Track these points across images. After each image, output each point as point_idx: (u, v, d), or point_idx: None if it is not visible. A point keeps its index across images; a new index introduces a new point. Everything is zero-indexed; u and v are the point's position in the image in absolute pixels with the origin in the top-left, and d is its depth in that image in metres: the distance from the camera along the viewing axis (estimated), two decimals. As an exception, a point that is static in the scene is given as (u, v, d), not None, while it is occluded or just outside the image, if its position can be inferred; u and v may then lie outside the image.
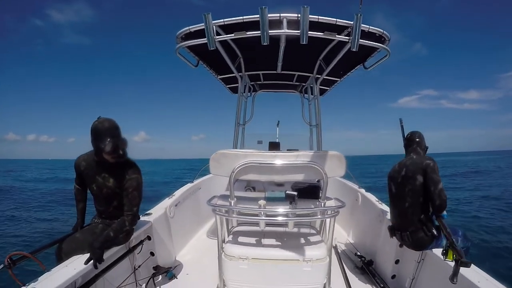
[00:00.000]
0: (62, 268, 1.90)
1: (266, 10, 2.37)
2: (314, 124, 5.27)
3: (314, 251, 2.21)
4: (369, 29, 2.74)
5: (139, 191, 2.23)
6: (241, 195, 2.47)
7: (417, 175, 2.35)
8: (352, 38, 2.57)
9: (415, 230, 2.37)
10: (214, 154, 2.26)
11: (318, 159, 2.18)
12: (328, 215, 2.27)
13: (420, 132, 2.65)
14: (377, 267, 3.08)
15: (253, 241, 2.38)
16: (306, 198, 2.37)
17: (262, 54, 3.96)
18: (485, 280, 1.89)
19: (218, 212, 2.25)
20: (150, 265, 2.93)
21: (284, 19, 2.53)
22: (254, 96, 6.07)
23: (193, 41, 2.91)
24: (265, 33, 2.48)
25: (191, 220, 4.14)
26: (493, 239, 7.34)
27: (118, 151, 2.12)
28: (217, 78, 5.01)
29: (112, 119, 2.15)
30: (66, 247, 2.14)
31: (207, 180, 4.83)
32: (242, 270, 2.16)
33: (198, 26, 2.78)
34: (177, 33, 3.06)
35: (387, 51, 3.04)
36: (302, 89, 5.88)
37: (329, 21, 2.60)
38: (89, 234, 2.24)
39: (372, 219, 3.48)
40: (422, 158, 2.44)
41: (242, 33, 2.66)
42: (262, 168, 2.21)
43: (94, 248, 1.99)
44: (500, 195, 14.11)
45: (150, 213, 3.05)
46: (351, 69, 4.27)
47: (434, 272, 2.40)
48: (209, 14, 2.53)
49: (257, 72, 4.93)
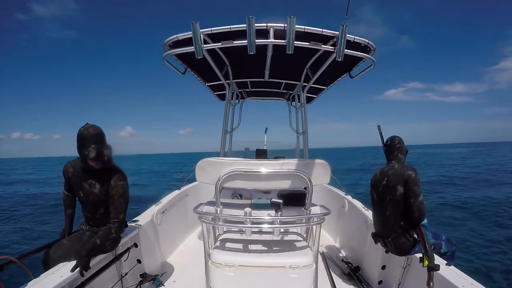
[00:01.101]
0: (49, 275, 1.89)
1: (253, 20, 2.41)
2: (301, 132, 5.32)
3: (300, 258, 2.21)
4: (355, 39, 2.81)
5: (125, 198, 2.21)
6: (227, 202, 2.48)
7: (397, 186, 2.36)
8: (338, 48, 2.62)
9: (397, 237, 2.41)
10: (200, 162, 2.26)
11: (303, 167, 2.21)
12: (313, 222, 2.29)
13: (399, 137, 2.64)
14: (364, 273, 3.11)
15: (240, 248, 2.38)
16: (292, 205, 2.39)
17: (249, 62, 3.99)
18: (470, 285, 1.94)
19: (205, 220, 2.25)
20: (137, 272, 2.89)
21: (271, 29, 2.57)
22: (242, 103, 6.10)
23: (180, 49, 2.92)
24: (252, 43, 2.51)
25: (179, 227, 4.11)
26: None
27: (102, 157, 2.11)
28: (205, 85, 5.01)
29: (98, 126, 2.15)
30: (53, 253, 2.12)
31: (195, 187, 4.80)
32: (229, 278, 2.16)
33: (186, 34, 2.80)
34: (165, 41, 3.06)
35: (372, 61, 3.11)
36: (290, 97, 5.94)
37: (315, 31, 2.66)
38: (76, 241, 2.22)
39: (359, 226, 3.52)
40: (404, 168, 2.41)
41: (229, 42, 2.69)
42: (247, 176, 2.22)
43: (80, 256, 1.98)
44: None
45: (136, 220, 3.02)
46: (338, 78, 4.35)
47: (419, 277, 2.44)
48: (197, 23, 2.55)
49: (245, 79, 4.96)
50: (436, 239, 2.39)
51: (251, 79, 4.95)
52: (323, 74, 3.94)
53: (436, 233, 2.45)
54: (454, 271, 2.15)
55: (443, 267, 2.18)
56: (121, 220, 2.19)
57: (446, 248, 2.42)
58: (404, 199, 2.35)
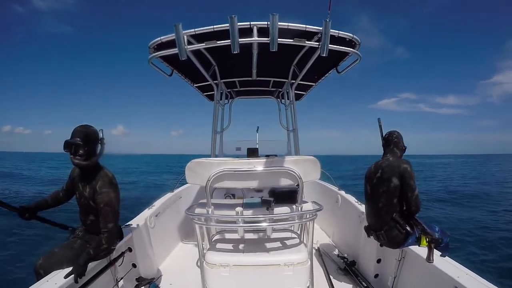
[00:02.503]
0: (43, 283, 1.86)
1: (236, 19, 2.40)
2: (291, 129, 5.32)
3: (294, 255, 2.21)
4: (339, 34, 2.81)
5: (111, 206, 2.13)
6: (219, 203, 2.46)
7: (392, 178, 2.38)
8: (322, 44, 2.62)
9: (389, 229, 2.42)
10: (189, 163, 2.24)
11: (293, 164, 2.21)
12: (306, 219, 2.29)
13: (398, 132, 2.64)
14: (360, 267, 3.12)
15: (234, 248, 2.37)
16: (284, 202, 2.39)
17: (236, 61, 3.98)
18: (464, 275, 1.94)
19: (197, 221, 2.24)
20: (132, 276, 2.86)
21: (255, 27, 2.56)
22: (231, 103, 6.08)
23: (165, 52, 2.90)
24: (235, 42, 2.50)
25: (173, 230, 4.08)
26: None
27: (76, 152, 2.07)
28: (193, 87, 4.98)
29: (89, 126, 2.19)
30: (44, 262, 2.08)
31: (188, 189, 4.76)
32: (224, 278, 2.15)
33: (169, 36, 2.77)
34: (149, 44, 3.03)
35: (357, 55, 3.11)
36: (279, 95, 5.95)
37: (298, 28, 2.65)
38: (67, 249, 2.19)
39: (353, 220, 3.53)
40: (399, 161, 2.44)
41: (213, 42, 2.68)
42: (237, 175, 2.21)
43: (78, 265, 1.96)
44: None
45: (130, 224, 2.98)
46: (325, 74, 4.36)
47: (414, 269, 2.46)
48: (179, 24, 2.53)
49: (233, 79, 4.95)
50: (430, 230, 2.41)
51: (239, 79, 4.94)
52: (310, 71, 3.95)
53: (429, 225, 2.47)
54: (448, 262, 2.16)
55: (438, 258, 2.20)
56: (110, 229, 2.11)
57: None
58: (400, 192, 2.37)
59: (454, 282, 1.91)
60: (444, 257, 2.25)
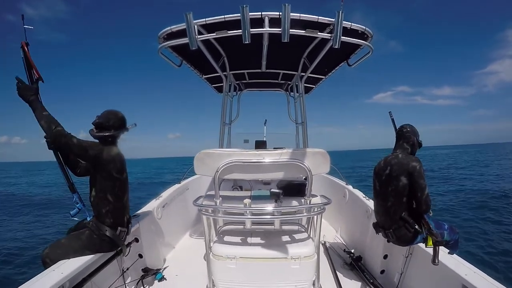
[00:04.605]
0: (49, 272, 1.88)
1: (247, 9, 2.36)
2: (300, 122, 5.29)
3: (301, 248, 2.21)
4: (351, 26, 2.75)
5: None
6: (227, 195, 2.46)
7: (401, 176, 2.32)
8: (334, 36, 2.57)
9: (398, 228, 2.38)
10: (198, 154, 2.23)
11: (302, 157, 2.18)
12: (314, 212, 2.27)
13: (410, 126, 2.54)
14: (366, 262, 3.10)
15: (241, 240, 2.37)
16: (292, 195, 2.37)
17: (246, 53, 3.94)
18: (472, 273, 1.92)
19: (204, 212, 2.24)
20: (138, 267, 2.89)
21: (266, 17, 2.52)
22: (240, 95, 6.05)
23: (175, 41, 2.88)
24: (246, 32, 2.47)
25: (179, 221, 4.10)
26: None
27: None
28: (202, 78, 4.97)
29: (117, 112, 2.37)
30: (51, 253, 2.11)
31: (195, 180, 4.79)
32: (231, 270, 2.15)
33: (180, 26, 2.75)
34: (158, 34, 3.01)
35: (370, 47, 3.06)
36: (288, 88, 5.90)
37: (311, 19, 2.60)
38: (74, 240, 2.20)
39: (360, 215, 3.51)
40: (408, 158, 2.36)
41: (224, 32, 2.65)
42: (246, 167, 2.20)
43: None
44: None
45: (137, 215, 3.00)
46: (335, 67, 4.30)
47: (422, 266, 2.43)
48: (190, 13, 2.50)
49: (242, 71, 4.92)
50: (438, 228, 2.37)
51: (248, 70, 4.90)
52: (320, 63, 3.89)
53: (438, 222, 2.43)
54: (456, 259, 2.14)
55: (446, 256, 2.17)
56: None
57: (449, 237, 2.40)
58: (410, 191, 2.32)
59: (461, 279, 1.89)
60: (452, 254, 2.22)
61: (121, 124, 2.33)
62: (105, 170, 2.17)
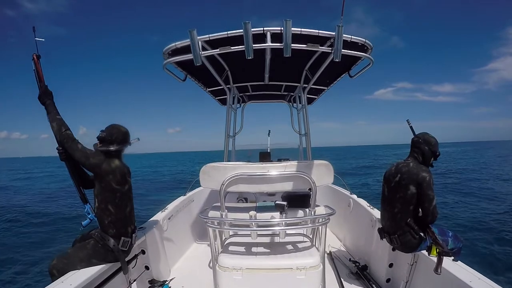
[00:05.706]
0: (58, 284, 1.91)
1: (250, 25, 2.44)
2: (303, 133, 5.33)
3: (307, 259, 2.23)
4: (352, 38, 2.82)
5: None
6: (232, 206, 2.50)
7: (410, 185, 2.34)
8: (335, 49, 2.64)
9: (403, 233, 2.41)
10: (204, 167, 2.29)
11: (306, 169, 2.23)
12: (319, 223, 2.30)
13: (427, 136, 2.49)
14: (372, 271, 3.11)
15: (247, 251, 2.40)
16: (297, 206, 2.40)
17: (249, 66, 4.02)
18: (477, 280, 1.93)
19: (210, 224, 2.27)
20: (145, 279, 2.92)
21: (268, 33, 2.59)
22: (243, 107, 6.12)
23: (179, 57, 2.96)
24: (249, 47, 2.54)
25: (185, 233, 4.13)
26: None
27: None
28: (206, 91, 5.05)
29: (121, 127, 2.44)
30: (58, 263, 2.15)
31: (200, 193, 4.82)
32: (237, 281, 2.18)
33: (184, 42, 2.83)
34: (163, 50, 3.10)
35: (370, 59, 3.12)
36: (291, 99, 5.96)
37: (311, 33, 2.67)
38: (80, 250, 2.24)
39: (365, 224, 3.51)
40: (419, 168, 2.36)
41: (227, 48, 2.72)
42: (251, 179, 2.25)
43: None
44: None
45: (143, 227, 3.04)
46: (337, 78, 4.36)
47: (427, 274, 2.43)
48: (194, 30, 2.58)
49: (245, 83, 4.99)
50: (443, 235, 2.38)
51: (252, 83, 4.98)
52: (322, 75, 3.96)
53: (442, 229, 2.45)
54: (461, 266, 2.15)
55: (450, 262, 2.18)
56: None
57: (453, 245, 2.41)
58: (417, 201, 2.34)
59: (466, 286, 1.91)
60: (456, 261, 2.23)
61: (123, 139, 2.39)
62: (105, 181, 2.22)
